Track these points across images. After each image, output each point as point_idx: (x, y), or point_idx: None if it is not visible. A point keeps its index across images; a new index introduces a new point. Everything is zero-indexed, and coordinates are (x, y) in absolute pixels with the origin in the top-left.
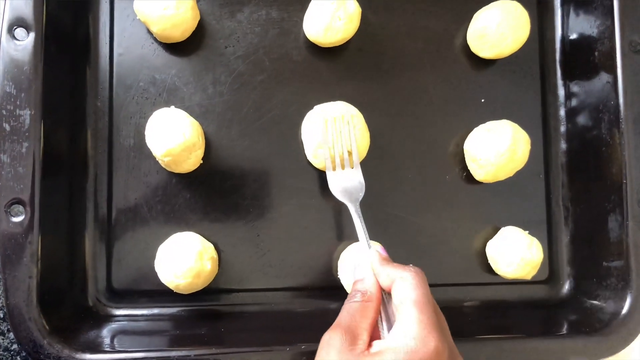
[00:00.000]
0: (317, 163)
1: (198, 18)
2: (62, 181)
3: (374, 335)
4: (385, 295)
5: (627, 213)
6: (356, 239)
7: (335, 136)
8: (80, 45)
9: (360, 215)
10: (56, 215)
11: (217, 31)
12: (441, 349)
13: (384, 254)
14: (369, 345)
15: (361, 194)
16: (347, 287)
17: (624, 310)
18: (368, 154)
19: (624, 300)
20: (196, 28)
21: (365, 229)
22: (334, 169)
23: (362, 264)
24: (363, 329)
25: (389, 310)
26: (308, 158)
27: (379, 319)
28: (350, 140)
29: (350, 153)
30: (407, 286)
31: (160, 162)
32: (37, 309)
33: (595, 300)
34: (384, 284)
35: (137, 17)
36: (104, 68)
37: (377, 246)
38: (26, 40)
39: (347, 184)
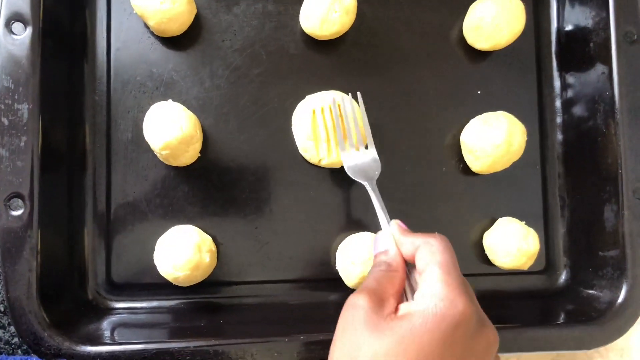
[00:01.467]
0: (307, 156)
1: (194, 12)
2: (61, 175)
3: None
4: (409, 268)
5: (622, 203)
6: (355, 230)
7: (331, 122)
8: (77, 40)
9: (378, 192)
10: (55, 209)
11: (213, 25)
12: (469, 312)
13: (404, 226)
14: (396, 309)
15: (377, 172)
16: (345, 278)
17: (620, 299)
18: None
19: (620, 289)
20: (193, 22)
21: (383, 205)
22: (345, 149)
23: (383, 237)
24: (390, 294)
25: (413, 281)
26: (299, 151)
27: (404, 291)
28: (354, 120)
29: (362, 133)
30: (432, 250)
31: (158, 155)
32: (37, 302)
33: (591, 289)
34: (408, 252)
35: (134, 12)
36: (102, 62)
37: (396, 220)
38: (23, 35)
39: (363, 162)
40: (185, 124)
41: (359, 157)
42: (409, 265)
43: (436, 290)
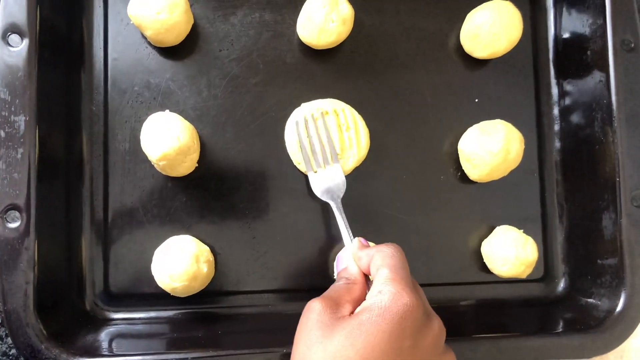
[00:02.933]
0: (302, 169)
1: (192, 22)
2: (58, 186)
3: None
4: (369, 282)
5: (620, 211)
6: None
7: (311, 135)
8: (74, 51)
9: (342, 211)
10: (52, 221)
11: (210, 35)
12: (414, 304)
13: (365, 242)
14: (351, 314)
15: (343, 189)
16: None
17: (619, 308)
18: None
19: (619, 297)
20: (190, 32)
21: (347, 224)
22: (314, 170)
23: (343, 255)
24: (346, 300)
25: None
26: (294, 163)
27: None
28: (325, 135)
29: (341, 149)
30: (383, 255)
31: (155, 166)
32: (34, 314)
33: (590, 298)
34: (365, 264)
35: (131, 22)
36: (99, 73)
37: (358, 238)
38: (20, 47)
39: (329, 183)
40: (182, 135)
41: (327, 177)
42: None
43: (383, 287)
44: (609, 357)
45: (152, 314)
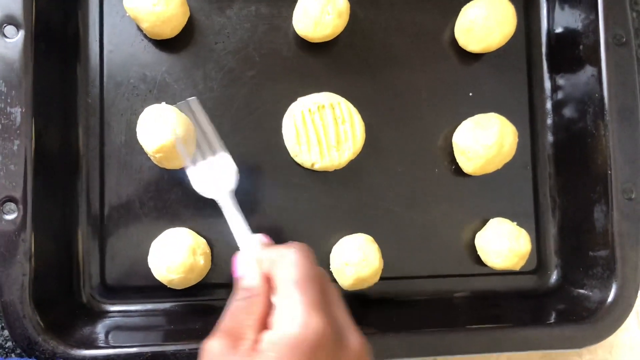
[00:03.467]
0: (299, 161)
1: (188, 14)
2: (55, 178)
3: (269, 324)
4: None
5: (612, 203)
6: (349, 232)
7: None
8: (70, 43)
9: (236, 205)
10: (49, 213)
11: (207, 27)
12: (322, 329)
13: (267, 240)
14: (257, 340)
15: (233, 181)
16: (340, 280)
17: (610, 299)
18: None
19: (610, 288)
20: (186, 24)
21: (245, 220)
22: (193, 163)
23: (241, 258)
24: (248, 326)
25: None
26: (291, 155)
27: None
28: (201, 125)
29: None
30: (286, 265)
31: (152, 158)
32: (31, 306)
33: (582, 289)
34: (267, 269)
35: (127, 14)
36: (95, 65)
37: (258, 236)
38: (16, 38)
39: (210, 175)
40: (179, 127)
41: (208, 170)
42: None
43: (288, 313)
44: (597, 352)
45: (149, 306)
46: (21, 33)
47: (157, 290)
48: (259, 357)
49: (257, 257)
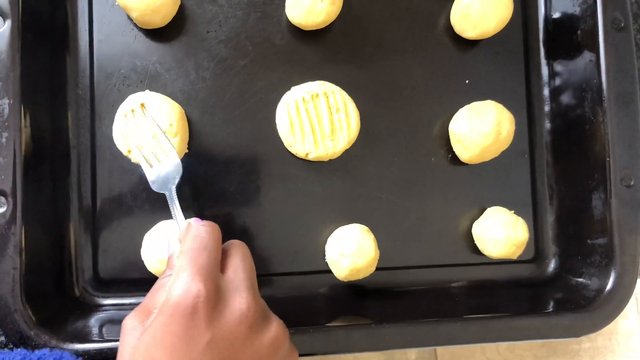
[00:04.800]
0: (293, 151)
1: (178, 3)
2: (45, 171)
3: None
4: None
5: (610, 191)
6: (344, 222)
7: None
8: (58, 33)
9: (176, 198)
10: (39, 206)
11: (198, 16)
12: (201, 294)
13: (198, 222)
14: None
15: (178, 177)
16: (335, 270)
17: (608, 287)
18: None
19: (608, 277)
20: (177, 13)
21: (180, 211)
22: (150, 165)
23: (172, 241)
24: (158, 303)
25: None
26: (285, 146)
27: None
28: (152, 128)
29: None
30: (188, 239)
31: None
32: (22, 300)
33: (580, 277)
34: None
35: (117, 3)
36: (84, 55)
37: (191, 220)
38: (2, 28)
39: (165, 174)
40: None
41: (163, 169)
42: None
43: (176, 280)
44: (597, 339)
45: (143, 299)
46: (7, 23)
47: (151, 282)
48: (150, 329)
49: (179, 238)
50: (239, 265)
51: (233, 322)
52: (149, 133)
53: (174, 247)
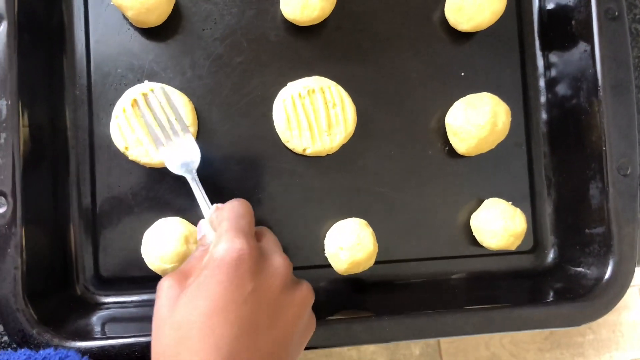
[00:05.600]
0: (290, 146)
1: (173, 1)
2: (44, 171)
3: None
4: None
5: (607, 180)
6: (343, 216)
7: (150, 112)
8: (55, 33)
9: (199, 182)
10: (40, 206)
11: (193, 14)
12: (246, 248)
13: (221, 206)
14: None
15: (197, 160)
16: (334, 264)
17: (607, 276)
18: None
19: (607, 266)
20: (172, 11)
21: (204, 194)
22: (164, 144)
23: (202, 224)
24: (197, 268)
25: None
26: (282, 141)
27: None
28: (168, 110)
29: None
30: (224, 211)
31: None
32: (24, 299)
33: (578, 267)
34: (217, 226)
35: (112, 3)
36: (81, 56)
37: (215, 205)
38: None
39: (181, 152)
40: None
41: (179, 151)
42: None
43: (218, 239)
44: (601, 331)
45: (144, 296)
46: (4, 24)
47: (152, 280)
48: (194, 282)
49: (210, 219)
50: (270, 237)
51: (272, 276)
52: (158, 116)
53: (205, 228)
